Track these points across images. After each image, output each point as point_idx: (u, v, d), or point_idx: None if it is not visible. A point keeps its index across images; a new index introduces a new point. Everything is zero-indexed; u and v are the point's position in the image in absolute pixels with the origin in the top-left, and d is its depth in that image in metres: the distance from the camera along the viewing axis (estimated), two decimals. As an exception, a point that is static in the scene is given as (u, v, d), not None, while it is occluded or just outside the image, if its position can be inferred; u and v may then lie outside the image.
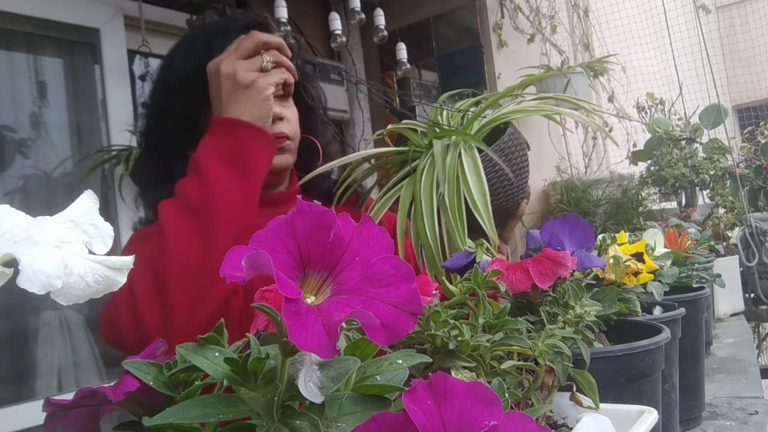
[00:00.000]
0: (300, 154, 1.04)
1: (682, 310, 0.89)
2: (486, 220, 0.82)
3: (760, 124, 2.99)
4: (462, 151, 0.86)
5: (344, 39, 2.44)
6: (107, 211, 1.99)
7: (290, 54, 0.95)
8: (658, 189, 2.83)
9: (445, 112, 0.97)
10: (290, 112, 1.01)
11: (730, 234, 2.54)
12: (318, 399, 0.32)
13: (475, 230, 0.94)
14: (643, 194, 2.80)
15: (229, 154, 0.86)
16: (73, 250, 0.30)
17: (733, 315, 2.05)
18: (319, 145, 1.08)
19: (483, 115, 0.93)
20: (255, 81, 0.88)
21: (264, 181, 1.00)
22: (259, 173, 0.88)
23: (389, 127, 1.00)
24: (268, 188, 1.03)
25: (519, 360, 0.52)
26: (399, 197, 0.90)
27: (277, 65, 0.92)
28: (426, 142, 0.94)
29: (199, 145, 0.88)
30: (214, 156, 0.86)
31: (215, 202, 0.83)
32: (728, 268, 2.01)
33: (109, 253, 0.32)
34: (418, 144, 0.95)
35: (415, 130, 0.98)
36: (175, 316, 0.78)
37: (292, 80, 0.95)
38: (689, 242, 1.41)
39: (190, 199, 0.84)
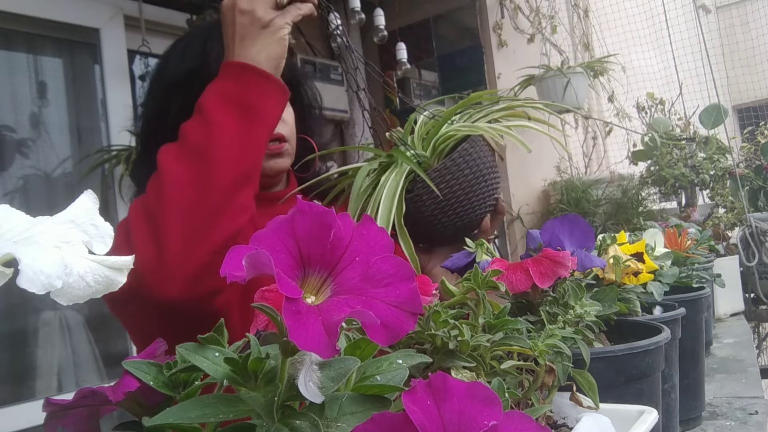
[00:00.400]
0: (296, 154, 1.04)
1: (682, 310, 0.89)
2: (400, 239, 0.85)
3: (760, 124, 2.99)
4: (397, 170, 0.88)
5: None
6: (107, 211, 1.99)
7: None
8: (658, 189, 2.83)
9: (420, 118, 0.97)
10: (287, 113, 1.00)
11: (730, 234, 2.54)
12: (318, 399, 0.32)
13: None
14: (643, 194, 2.80)
15: (235, 98, 0.83)
16: (73, 250, 0.30)
17: (733, 315, 2.05)
18: (314, 144, 1.08)
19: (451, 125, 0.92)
20: (273, 20, 0.86)
21: (263, 181, 1.00)
22: (267, 118, 0.85)
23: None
24: (265, 188, 1.04)
25: (519, 360, 0.52)
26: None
27: (291, 2, 0.89)
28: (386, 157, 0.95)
29: (206, 89, 0.85)
30: (219, 99, 0.83)
31: (216, 143, 0.80)
32: (728, 268, 2.01)
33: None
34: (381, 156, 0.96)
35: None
36: (168, 258, 0.75)
37: (310, 12, 0.91)
38: (689, 242, 1.41)
39: (190, 141, 0.81)
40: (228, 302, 0.82)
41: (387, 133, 0.95)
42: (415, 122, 0.97)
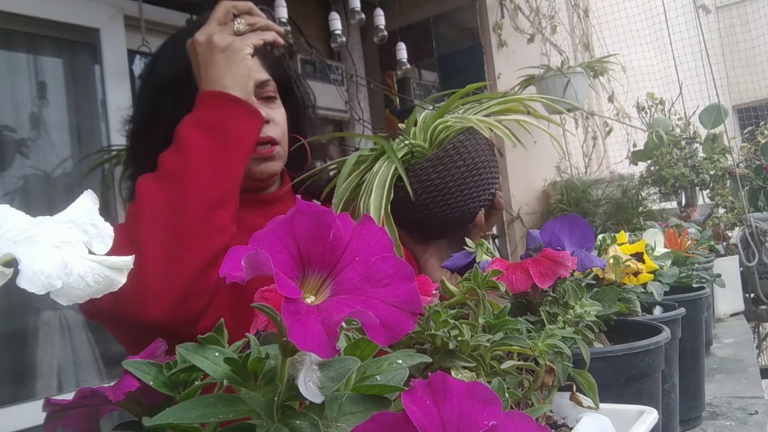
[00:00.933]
0: (289, 154, 1.04)
1: (682, 310, 0.89)
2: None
3: (760, 124, 3.00)
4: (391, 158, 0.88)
5: (344, 39, 2.44)
6: (107, 211, 1.99)
7: (262, 15, 0.94)
8: (658, 189, 2.83)
9: (424, 112, 0.97)
10: (278, 114, 1.00)
11: (730, 234, 2.54)
12: (318, 399, 0.32)
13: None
14: (643, 194, 2.80)
15: (207, 122, 0.85)
16: (73, 250, 0.30)
17: (733, 315, 2.05)
18: (306, 144, 1.08)
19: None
20: (231, 43, 0.88)
21: (256, 184, 1.01)
22: (239, 140, 0.86)
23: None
24: (259, 190, 1.04)
25: (519, 360, 0.52)
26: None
27: (252, 28, 0.92)
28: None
29: (181, 120, 0.87)
30: (192, 126, 0.85)
31: (189, 167, 0.82)
32: (728, 268, 2.01)
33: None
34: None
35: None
36: (147, 280, 0.76)
37: (272, 40, 0.93)
38: (689, 242, 1.41)
39: (165, 167, 0.83)
40: (210, 328, 0.82)
41: (399, 125, 0.95)
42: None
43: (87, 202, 0.33)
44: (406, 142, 0.89)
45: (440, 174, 0.87)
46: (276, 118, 1.00)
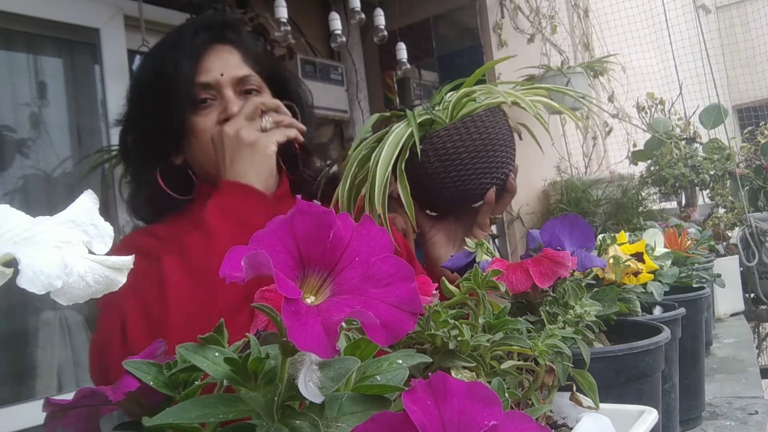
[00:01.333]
0: (282, 154, 1.05)
1: (682, 310, 0.89)
2: (376, 191, 0.85)
3: (760, 124, 3.00)
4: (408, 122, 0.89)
5: (344, 39, 2.44)
6: (107, 211, 1.99)
7: (288, 113, 1.00)
8: (658, 189, 2.83)
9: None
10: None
11: (730, 234, 2.54)
12: (318, 399, 0.32)
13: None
14: (643, 194, 2.80)
15: (232, 211, 0.88)
16: (73, 250, 0.30)
17: (733, 315, 2.05)
18: (297, 145, 1.08)
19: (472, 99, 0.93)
20: (258, 139, 0.93)
21: None
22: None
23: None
24: None
25: (519, 360, 0.52)
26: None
27: (278, 125, 0.96)
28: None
29: (207, 205, 0.90)
30: (217, 213, 0.88)
31: (216, 257, 0.82)
32: (728, 268, 2.01)
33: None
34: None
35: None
36: None
37: (294, 137, 0.99)
38: (689, 242, 1.41)
39: (192, 253, 0.85)
40: None
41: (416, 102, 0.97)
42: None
43: (87, 202, 0.33)
44: (425, 109, 0.90)
45: (455, 143, 0.88)
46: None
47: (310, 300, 0.34)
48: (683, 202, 2.86)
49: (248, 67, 1.03)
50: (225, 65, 1.00)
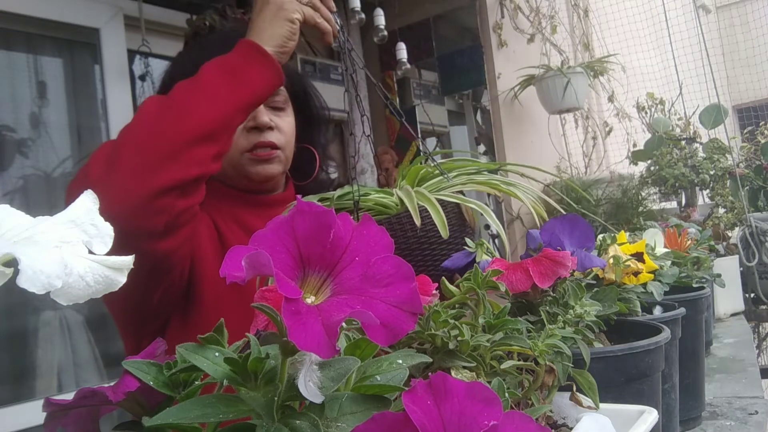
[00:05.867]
0: (298, 162, 1.06)
1: (682, 310, 0.89)
2: None
3: (760, 124, 2.99)
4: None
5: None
6: (107, 211, 1.98)
7: (332, 6, 0.97)
8: (658, 189, 2.83)
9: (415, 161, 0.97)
10: (285, 122, 1.02)
11: (730, 234, 2.54)
12: (318, 399, 0.32)
13: None
14: (643, 194, 2.80)
15: (229, 66, 0.87)
16: (73, 250, 0.29)
17: (733, 315, 2.05)
18: (317, 155, 1.09)
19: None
20: (284, 2, 0.91)
21: (254, 185, 1.02)
22: (252, 90, 0.87)
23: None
24: (261, 192, 1.04)
25: (519, 360, 0.52)
26: None
27: (313, 6, 0.93)
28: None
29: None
30: (216, 65, 0.87)
31: (194, 96, 0.84)
32: (728, 268, 2.01)
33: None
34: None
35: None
36: (115, 177, 0.77)
37: (323, 29, 0.95)
38: (689, 242, 1.41)
39: (174, 91, 0.85)
40: (173, 250, 0.84)
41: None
42: (418, 152, 0.95)
43: (87, 202, 0.33)
44: (376, 197, 0.88)
45: (395, 235, 0.85)
46: (282, 126, 1.02)
47: (310, 300, 0.34)
48: (683, 202, 2.86)
49: None
50: None
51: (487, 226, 3.29)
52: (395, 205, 0.88)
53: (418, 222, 0.82)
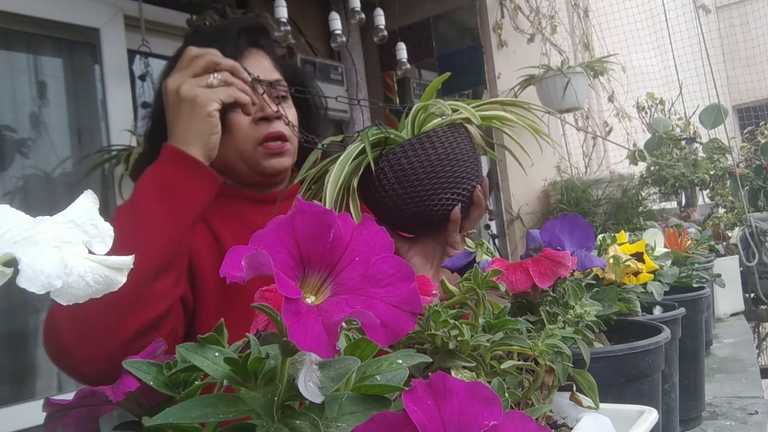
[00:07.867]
0: (300, 156, 1.05)
1: (682, 310, 0.89)
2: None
3: (760, 124, 3.00)
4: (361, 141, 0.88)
5: (344, 39, 2.44)
6: (107, 211, 1.99)
7: (246, 77, 0.92)
8: (658, 189, 2.83)
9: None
10: (288, 113, 1.01)
11: (730, 234, 2.54)
12: (318, 399, 0.32)
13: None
14: (643, 194, 2.80)
15: (163, 182, 0.84)
16: (73, 250, 0.29)
17: (733, 315, 2.05)
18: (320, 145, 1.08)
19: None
20: (198, 95, 0.85)
21: (265, 180, 1.01)
22: (191, 206, 0.85)
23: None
24: (267, 187, 1.04)
25: (519, 360, 0.52)
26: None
27: (226, 84, 0.89)
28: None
29: (145, 170, 0.86)
30: (150, 182, 0.84)
31: (139, 227, 0.81)
32: (728, 268, 2.01)
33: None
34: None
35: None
36: (85, 341, 0.76)
37: (240, 98, 0.91)
38: (689, 242, 1.41)
39: (118, 223, 0.83)
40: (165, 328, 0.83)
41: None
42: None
43: (87, 202, 0.33)
44: (382, 128, 0.88)
45: (410, 160, 0.86)
46: (288, 116, 1.00)
47: (310, 300, 0.34)
48: (683, 202, 2.86)
49: (278, 71, 1.04)
50: (261, 69, 1.00)
51: (488, 226, 3.29)
52: (402, 137, 0.88)
53: (477, 121, 0.86)
